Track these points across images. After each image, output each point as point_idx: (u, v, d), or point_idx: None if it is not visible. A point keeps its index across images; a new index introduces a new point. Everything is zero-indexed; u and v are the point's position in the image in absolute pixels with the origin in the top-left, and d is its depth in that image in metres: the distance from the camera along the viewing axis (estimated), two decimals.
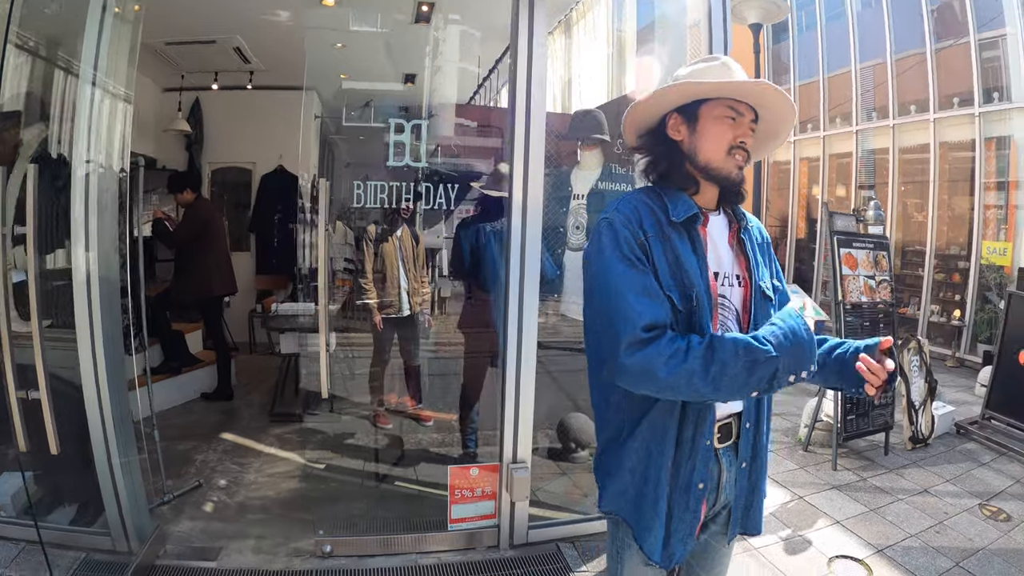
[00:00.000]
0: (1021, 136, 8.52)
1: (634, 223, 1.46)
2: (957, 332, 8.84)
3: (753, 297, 1.56)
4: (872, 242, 5.03)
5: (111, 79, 2.78)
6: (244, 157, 7.01)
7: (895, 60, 10.04)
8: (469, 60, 4.43)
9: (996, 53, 8.81)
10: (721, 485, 1.57)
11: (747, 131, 1.53)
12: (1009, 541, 3.56)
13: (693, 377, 1.32)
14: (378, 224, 4.01)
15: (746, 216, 1.64)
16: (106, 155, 2.80)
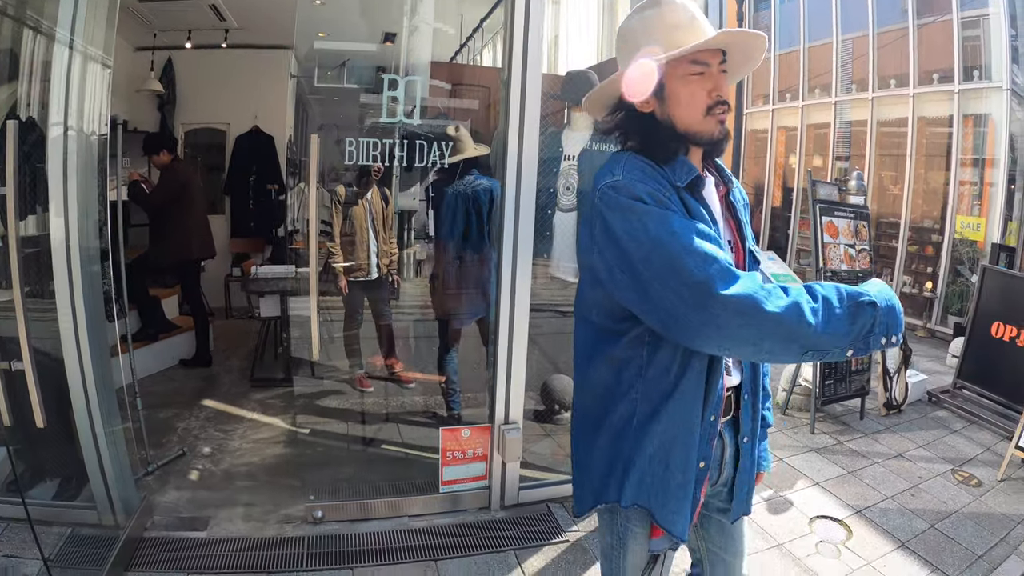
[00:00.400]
0: (999, 115, 8.64)
1: (649, 181, 1.32)
2: (928, 304, 9.03)
3: (746, 262, 1.50)
4: (853, 212, 5.09)
5: (89, 42, 2.66)
6: (218, 118, 6.81)
7: (877, 33, 10.08)
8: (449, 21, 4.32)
9: (977, 32, 8.89)
10: (724, 460, 1.52)
11: (720, 81, 1.37)
12: (981, 505, 3.67)
13: (803, 315, 1.16)
14: (348, 186, 3.92)
15: (732, 177, 1.55)
16: (86, 119, 2.68)
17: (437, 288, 3.84)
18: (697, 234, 1.24)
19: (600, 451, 1.48)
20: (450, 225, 3.55)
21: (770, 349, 1.22)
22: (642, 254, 1.25)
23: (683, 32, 1.34)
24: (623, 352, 1.41)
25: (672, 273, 1.22)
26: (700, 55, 1.34)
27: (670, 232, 1.24)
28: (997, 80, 8.61)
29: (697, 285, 1.19)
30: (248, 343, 5.38)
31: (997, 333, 5.27)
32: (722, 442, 1.50)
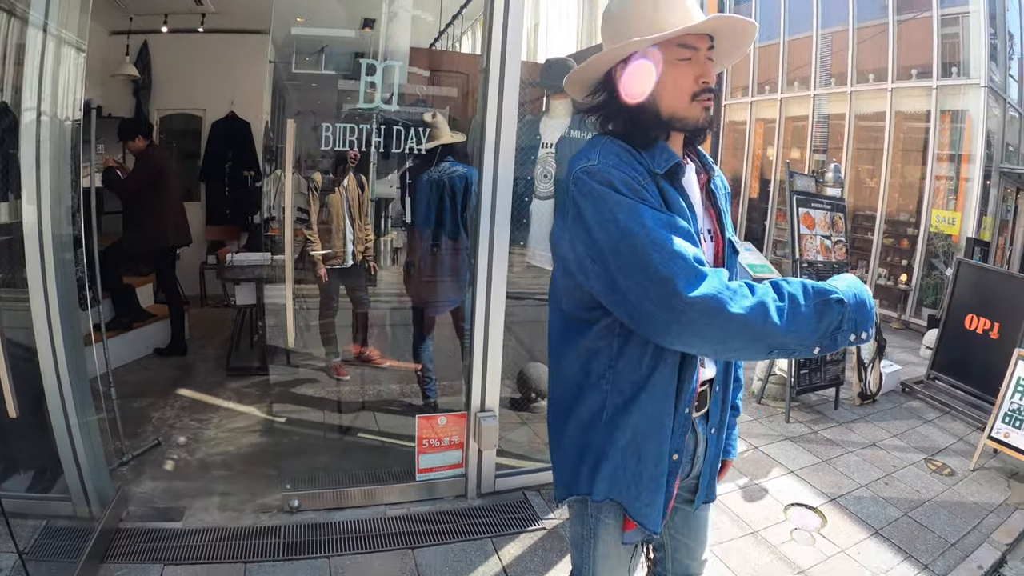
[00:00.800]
0: (975, 111, 8.77)
1: (625, 167, 1.26)
2: (903, 296, 9.17)
3: (725, 252, 1.46)
4: (830, 203, 5.14)
5: (63, 26, 2.60)
6: (194, 103, 6.70)
7: (857, 28, 10.18)
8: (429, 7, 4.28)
9: (956, 29, 9.02)
10: (696, 454, 1.49)
11: (707, 67, 1.33)
12: (953, 494, 3.74)
13: (768, 315, 1.14)
14: (325, 173, 3.88)
15: (713, 165, 1.52)
16: (59, 104, 2.62)
17: (412, 276, 3.81)
18: (668, 228, 1.21)
19: (571, 441, 1.45)
20: (425, 212, 3.52)
21: (736, 348, 1.21)
22: (611, 244, 1.22)
23: (671, 13, 1.30)
24: (593, 342, 1.38)
25: (639, 267, 1.19)
26: (688, 39, 1.30)
27: (640, 224, 1.20)
28: (975, 77, 8.74)
29: (662, 282, 1.16)
30: (224, 331, 5.32)
31: (971, 325, 5.35)
32: (695, 435, 1.47)
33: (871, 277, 9.75)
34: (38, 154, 2.50)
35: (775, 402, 4.99)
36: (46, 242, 2.54)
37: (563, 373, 1.46)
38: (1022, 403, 4.05)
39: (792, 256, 4.81)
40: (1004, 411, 4.11)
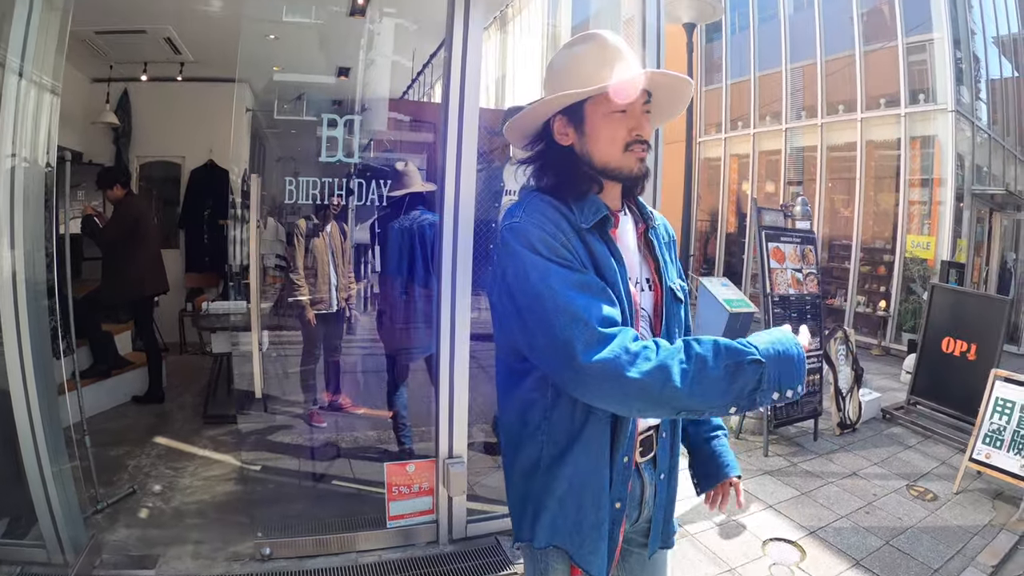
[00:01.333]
0: (944, 135, 8.97)
1: (548, 224, 1.29)
2: (883, 322, 9.24)
3: (664, 300, 1.45)
4: (799, 236, 5.21)
5: (38, 69, 2.66)
6: (173, 151, 6.78)
7: (825, 61, 10.43)
8: (404, 54, 4.39)
9: (923, 56, 9.27)
10: (644, 500, 1.48)
11: (642, 120, 1.35)
12: (936, 519, 3.74)
13: (668, 378, 1.14)
14: (308, 219, 3.94)
15: (653, 215, 1.52)
16: (32, 149, 2.67)
17: (385, 323, 3.84)
18: (579, 288, 1.23)
19: (514, 488, 1.46)
20: (397, 260, 3.57)
21: (640, 408, 1.22)
22: (525, 303, 1.26)
23: (609, 70, 1.32)
24: (528, 393, 1.39)
25: (545, 328, 1.22)
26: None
27: (547, 286, 1.22)
28: (942, 102, 8.96)
29: (563, 346, 1.18)
30: (201, 379, 5.30)
31: (948, 348, 5.42)
32: (641, 481, 1.46)
33: (849, 305, 9.84)
34: (12, 200, 2.54)
35: (753, 436, 4.99)
36: (20, 290, 2.57)
37: (505, 421, 1.48)
38: (1001, 423, 4.09)
39: (763, 291, 4.86)
40: (984, 432, 4.14)
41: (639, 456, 1.43)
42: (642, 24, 3.23)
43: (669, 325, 1.44)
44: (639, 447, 1.42)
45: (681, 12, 6.21)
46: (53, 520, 2.71)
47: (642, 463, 1.45)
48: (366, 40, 4.31)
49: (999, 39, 11.13)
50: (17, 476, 2.68)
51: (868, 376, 6.18)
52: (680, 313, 1.49)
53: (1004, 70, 11.41)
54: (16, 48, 2.55)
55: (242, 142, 4.81)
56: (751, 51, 12.03)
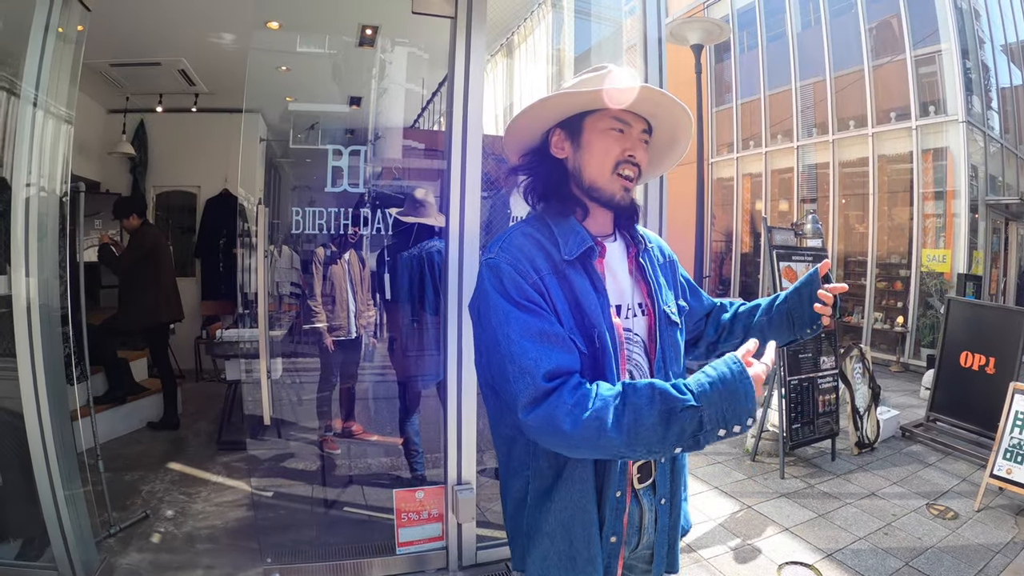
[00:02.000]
0: (956, 147, 8.90)
1: (523, 262, 1.31)
2: (901, 338, 9.13)
3: (658, 324, 1.45)
4: (811, 255, 5.18)
5: (53, 100, 2.75)
6: (189, 180, 6.92)
7: (834, 77, 10.43)
8: (414, 82, 4.46)
9: (932, 68, 9.22)
10: (643, 527, 1.46)
11: (637, 143, 1.39)
12: (957, 538, 3.67)
13: (603, 428, 1.15)
14: (326, 247, 3.99)
15: (645, 237, 1.53)
16: (48, 178, 2.76)
17: (396, 351, 3.87)
18: (534, 338, 1.24)
19: (509, 517, 1.47)
20: (408, 288, 3.60)
21: (586, 453, 1.23)
22: (489, 344, 1.31)
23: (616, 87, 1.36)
24: (512, 429, 1.40)
25: (500, 373, 1.27)
26: (623, 114, 1.38)
27: (505, 335, 1.26)
28: (953, 113, 8.91)
29: (511, 396, 1.24)
30: (216, 406, 5.35)
31: (966, 363, 5.35)
32: (640, 508, 1.45)
33: (867, 322, 9.74)
34: (27, 228, 2.62)
35: (770, 458, 4.93)
36: (34, 316, 2.64)
37: (497, 452, 1.49)
38: (1022, 437, 4.01)
39: None
40: (1004, 447, 4.07)
41: (637, 483, 1.43)
42: (643, 51, 3.27)
43: (664, 349, 1.44)
44: (636, 473, 1.42)
45: (689, 34, 6.27)
46: (65, 543, 2.76)
47: (640, 489, 1.44)
48: (377, 69, 4.38)
49: (1008, 47, 11.06)
50: (31, 499, 2.73)
51: (887, 393, 6.12)
52: (676, 337, 1.49)
53: (1014, 78, 11.33)
54: (31, 79, 2.65)
55: (255, 171, 4.89)
56: (760, 70, 12.04)
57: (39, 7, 2.67)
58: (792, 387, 4.76)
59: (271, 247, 4.38)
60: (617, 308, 1.40)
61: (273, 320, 4.28)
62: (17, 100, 2.71)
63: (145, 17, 4.44)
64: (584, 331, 1.32)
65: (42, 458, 2.69)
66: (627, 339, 1.40)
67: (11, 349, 2.67)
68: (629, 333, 1.41)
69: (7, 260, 2.68)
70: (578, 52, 3.90)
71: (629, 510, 1.43)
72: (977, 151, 9.33)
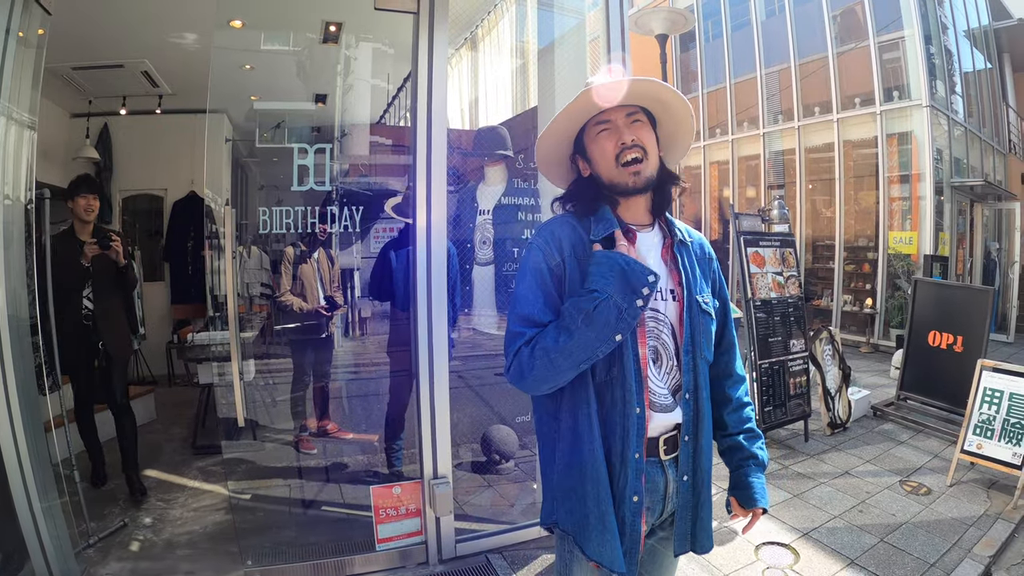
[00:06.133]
0: (921, 131, 9.07)
1: (551, 246, 1.52)
2: (870, 319, 9.29)
3: (688, 311, 1.56)
4: (778, 240, 5.25)
5: (15, 105, 2.71)
6: (155, 183, 6.81)
7: (799, 64, 10.55)
8: (380, 77, 4.44)
9: (896, 54, 9.38)
10: (668, 495, 1.57)
11: (625, 129, 1.53)
12: (931, 513, 3.76)
13: (551, 358, 1.41)
14: (295, 246, 3.97)
15: (685, 231, 1.66)
16: (12, 186, 2.71)
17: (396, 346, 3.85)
18: (534, 301, 1.50)
19: (544, 478, 1.65)
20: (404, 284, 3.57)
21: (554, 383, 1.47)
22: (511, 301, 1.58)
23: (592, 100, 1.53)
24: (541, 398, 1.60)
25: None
26: (603, 115, 1.55)
27: (518, 291, 1.54)
28: (917, 98, 9.07)
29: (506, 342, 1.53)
30: (190, 410, 5.30)
31: (934, 342, 5.47)
32: (665, 478, 1.56)
33: (836, 305, 9.89)
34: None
35: None
36: (2, 327, 2.60)
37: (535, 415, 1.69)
38: (991, 413, 4.12)
39: (744, 296, 4.90)
40: (974, 423, 4.18)
41: (663, 454, 1.55)
42: (607, 42, 3.29)
43: (694, 335, 1.56)
44: (663, 445, 1.54)
45: (654, 24, 6.28)
46: (45, 556, 2.74)
47: (667, 460, 1.56)
48: (342, 66, 4.36)
49: (970, 32, 11.29)
50: (7, 513, 2.70)
51: (857, 374, 6.23)
52: (708, 326, 1.60)
53: (977, 62, 11.56)
54: None
55: (221, 172, 4.84)
56: (726, 58, 12.14)
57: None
58: (763, 370, 4.83)
59: (240, 248, 4.34)
60: None
61: (244, 321, 4.24)
62: None
63: (106, 19, 4.37)
64: None
65: (17, 471, 2.65)
66: (651, 318, 1.54)
67: None
68: (657, 313, 1.55)
69: None
70: (542, 44, 3.92)
71: (653, 477, 1.55)
72: (941, 135, 9.51)
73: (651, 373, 1.53)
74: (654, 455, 1.54)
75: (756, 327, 4.85)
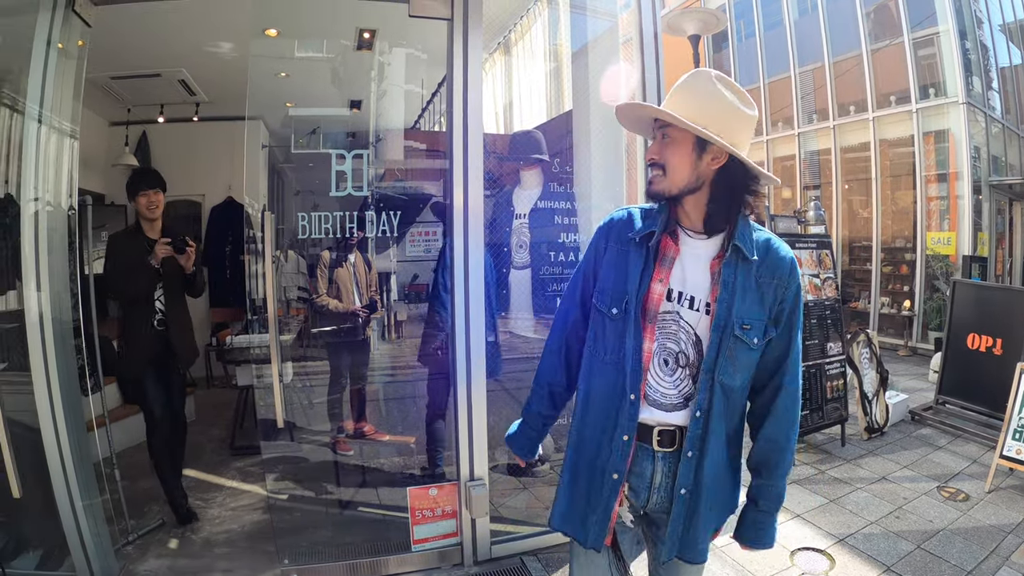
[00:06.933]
0: (958, 129, 8.86)
1: (602, 232, 1.70)
2: (908, 322, 9.10)
3: (716, 330, 1.51)
4: (815, 241, 5.19)
5: (57, 115, 2.78)
6: (193, 189, 6.93)
7: (833, 63, 10.38)
8: (414, 83, 4.48)
9: (931, 51, 9.18)
10: (654, 485, 1.61)
11: (654, 146, 1.59)
12: (968, 520, 3.68)
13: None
14: (331, 251, 4.02)
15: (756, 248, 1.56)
16: (54, 193, 2.80)
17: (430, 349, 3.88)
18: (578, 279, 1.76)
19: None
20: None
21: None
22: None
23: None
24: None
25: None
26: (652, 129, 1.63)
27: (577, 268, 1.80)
28: (953, 95, 8.87)
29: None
30: (228, 412, 5.39)
31: (973, 344, 5.35)
32: (653, 467, 1.60)
33: (873, 307, 9.71)
34: (37, 243, 2.66)
35: None
36: (47, 330, 2.68)
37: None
38: None
39: None
40: (1013, 427, 4.08)
41: (657, 445, 1.58)
42: (640, 44, 3.28)
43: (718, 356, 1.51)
44: (657, 436, 1.58)
45: (686, 25, 6.23)
46: (85, 552, 2.81)
47: (660, 452, 1.59)
48: (376, 72, 4.40)
49: (1006, 26, 10.99)
50: (49, 510, 2.78)
51: (895, 378, 6.12)
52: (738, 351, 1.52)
53: (1014, 57, 11.26)
54: (35, 96, 2.69)
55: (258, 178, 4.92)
56: (759, 58, 12.00)
57: (40, 24, 2.71)
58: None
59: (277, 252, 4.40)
60: (669, 291, 1.56)
61: (282, 325, 4.30)
62: (22, 117, 2.74)
63: (144, 30, 4.45)
64: (618, 295, 1.58)
65: (60, 469, 2.73)
66: (668, 319, 1.56)
67: (25, 363, 2.71)
68: (675, 316, 1.56)
69: (17, 275, 2.72)
70: (575, 47, 3.92)
71: (641, 461, 1.60)
72: (979, 132, 9.29)
73: (655, 370, 1.57)
74: (647, 442, 1.58)
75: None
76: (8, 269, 2.79)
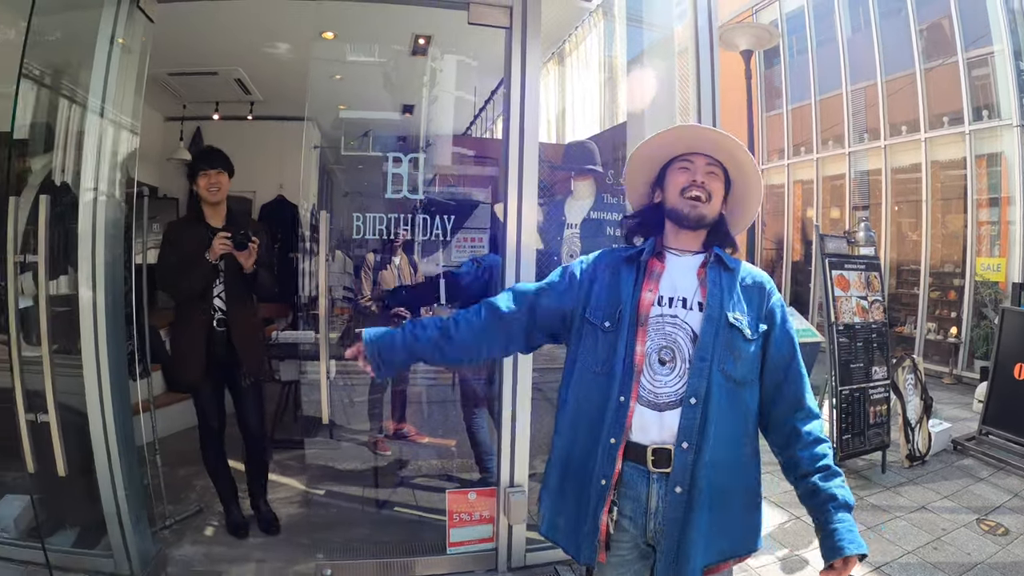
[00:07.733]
0: (1011, 152, 8.60)
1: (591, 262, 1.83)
2: (954, 349, 8.87)
3: (709, 321, 1.62)
4: (863, 263, 5.11)
5: (118, 110, 2.85)
6: (244, 186, 7.02)
7: (885, 81, 10.18)
8: (465, 89, 4.52)
9: (985, 71, 8.93)
10: (651, 511, 1.60)
11: (699, 171, 1.72)
12: (1007, 555, 3.59)
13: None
14: (376, 252, 4.07)
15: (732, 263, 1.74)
16: (113, 184, 2.86)
17: None
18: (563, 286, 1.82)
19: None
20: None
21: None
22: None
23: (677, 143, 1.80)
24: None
25: None
26: (688, 156, 1.75)
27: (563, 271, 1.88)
28: (1007, 117, 8.61)
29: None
30: (270, 405, 5.47)
31: (1021, 375, 5.21)
32: (648, 490, 1.60)
33: (919, 332, 9.47)
34: (94, 232, 2.74)
35: None
36: (100, 315, 2.75)
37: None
38: None
39: (827, 320, 4.78)
40: None
41: (652, 465, 1.59)
42: (695, 55, 3.28)
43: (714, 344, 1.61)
44: (651, 455, 1.59)
45: (738, 40, 6.23)
46: (122, 532, 2.87)
47: (655, 473, 1.59)
48: (428, 78, 4.46)
49: None
50: (90, 490, 2.85)
51: (939, 406, 5.98)
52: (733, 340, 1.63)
53: None
54: (97, 90, 2.76)
55: (310, 177, 5.01)
56: (811, 75, 11.80)
57: (104, 20, 2.78)
58: (843, 397, 4.70)
59: None
60: (660, 298, 1.67)
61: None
62: (82, 109, 2.84)
63: (204, 28, 4.57)
64: (611, 307, 1.69)
65: (104, 450, 2.80)
66: (665, 322, 1.65)
67: (74, 347, 2.78)
68: (671, 318, 1.65)
69: (70, 261, 2.81)
70: (630, 57, 3.94)
71: (635, 484, 1.61)
72: None
73: (649, 370, 1.61)
74: (641, 463, 1.59)
75: (838, 352, 4.73)
76: (61, 255, 2.85)
